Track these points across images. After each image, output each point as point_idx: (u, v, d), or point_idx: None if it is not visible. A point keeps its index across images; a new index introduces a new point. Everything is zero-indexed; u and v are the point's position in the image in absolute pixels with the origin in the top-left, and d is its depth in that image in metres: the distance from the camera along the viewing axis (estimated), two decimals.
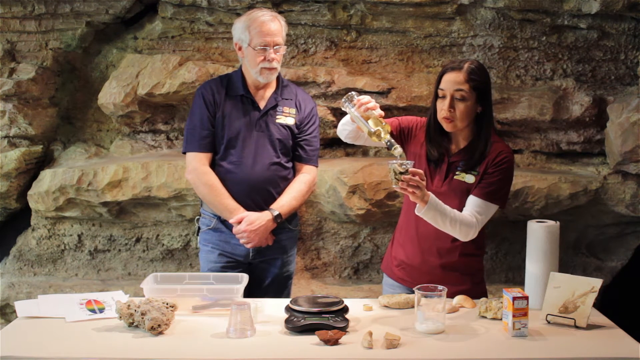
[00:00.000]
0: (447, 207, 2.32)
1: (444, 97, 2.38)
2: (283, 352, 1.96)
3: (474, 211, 2.37)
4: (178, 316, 2.20)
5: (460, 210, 2.38)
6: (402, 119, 2.58)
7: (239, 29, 2.70)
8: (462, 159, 2.43)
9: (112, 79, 3.45)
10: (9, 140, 3.51)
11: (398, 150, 2.22)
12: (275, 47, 2.67)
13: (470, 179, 2.41)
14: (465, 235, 2.36)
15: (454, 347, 2.00)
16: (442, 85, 2.39)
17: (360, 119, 2.30)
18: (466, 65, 2.37)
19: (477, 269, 2.54)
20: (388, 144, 2.23)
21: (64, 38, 3.49)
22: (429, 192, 2.27)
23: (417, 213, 2.29)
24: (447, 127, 2.41)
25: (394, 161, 2.19)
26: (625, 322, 2.23)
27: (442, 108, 2.38)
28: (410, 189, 2.19)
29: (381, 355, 1.93)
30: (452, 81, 2.37)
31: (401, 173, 2.17)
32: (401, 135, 2.54)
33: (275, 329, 2.13)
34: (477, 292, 2.47)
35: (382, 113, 2.31)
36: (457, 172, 2.43)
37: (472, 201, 2.39)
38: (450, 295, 2.32)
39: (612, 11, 3.13)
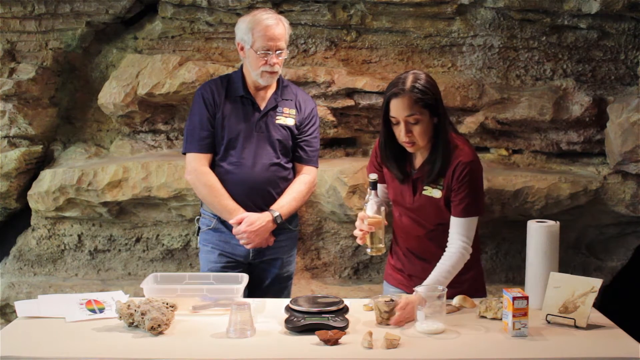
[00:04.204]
0: (437, 275, 2.29)
1: (397, 123, 2.32)
2: (283, 352, 1.96)
3: (458, 233, 2.35)
4: (178, 316, 2.20)
5: (435, 220, 2.40)
6: (372, 159, 2.57)
7: (243, 29, 2.68)
8: (425, 173, 2.39)
9: (112, 79, 3.45)
10: (9, 140, 3.51)
11: (372, 176, 2.34)
12: (277, 52, 2.65)
13: (437, 193, 2.38)
14: (464, 261, 2.36)
15: (454, 347, 2.00)
16: (392, 113, 2.31)
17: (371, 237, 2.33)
18: (408, 86, 2.28)
19: (474, 267, 2.51)
20: (370, 185, 2.33)
21: (64, 38, 3.49)
22: (416, 299, 2.17)
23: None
24: (411, 150, 2.37)
25: (379, 298, 2.19)
26: (625, 322, 2.23)
27: (400, 134, 2.33)
28: (404, 324, 2.17)
29: (381, 355, 1.93)
30: (400, 108, 2.29)
31: (387, 312, 2.16)
32: (380, 169, 2.53)
33: (275, 329, 2.13)
34: (476, 290, 2.48)
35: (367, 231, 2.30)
36: (424, 188, 2.40)
37: (454, 222, 2.37)
38: (451, 296, 2.33)
39: (612, 11, 3.13)
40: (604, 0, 3.06)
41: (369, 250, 2.33)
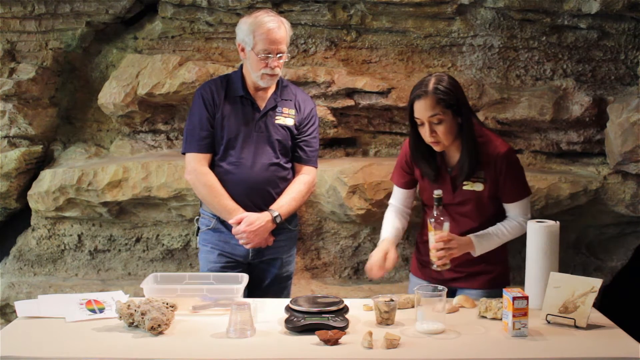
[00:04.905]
0: (491, 233, 2.46)
1: (422, 124, 2.42)
2: (283, 352, 1.96)
3: (517, 214, 2.52)
4: (178, 316, 2.20)
5: (479, 214, 2.50)
6: (401, 163, 2.63)
7: (244, 30, 2.67)
8: (462, 170, 2.47)
9: (112, 79, 3.45)
10: (9, 140, 3.52)
11: (437, 192, 2.35)
12: (278, 55, 2.65)
13: (479, 187, 2.48)
14: (522, 232, 2.50)
15: (454, 347, 2.00)
16: (416, 115, 2.42)
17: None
18: (431, 88, 2.38)
19: (502, 255, 2.61)
20: (436, 201, 2.33)
21: (64, 38, 3.49)
22: (465, 238, 2.40)
23: (474, 255, 2.45)
24: (437, 149, 2.46)
25: (379, 298, 2.20)
26: (625, 322, 2.24)
27: (425, 135, 2.43)
28: (448, 256, 2.33)
29: (381, 355, 1.93)
30: (423, 109, 2.38)
31: (387, 312, 2.18)
32: (411, 172, 2.62)
33: (275, 329, 2.13)
34: (504, 278, 2.59)
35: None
36: (464, 183, 2.48)
37: (509, 208, 2.53)
38: (482, 284, 2.47)
39: (612, 11, 3.13)
40: (604, 0, 3.06)
41: (434, 266, 2.37)
